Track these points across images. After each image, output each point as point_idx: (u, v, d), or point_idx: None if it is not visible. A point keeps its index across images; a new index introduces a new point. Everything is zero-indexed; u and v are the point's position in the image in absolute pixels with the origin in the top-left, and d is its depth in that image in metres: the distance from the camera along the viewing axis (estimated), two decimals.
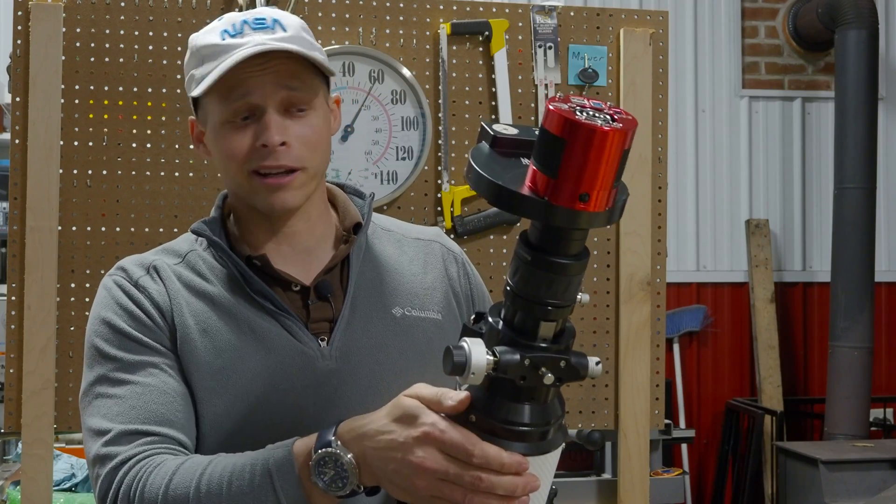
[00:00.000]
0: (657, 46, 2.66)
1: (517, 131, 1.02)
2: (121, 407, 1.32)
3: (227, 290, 1.39)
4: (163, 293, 1.38)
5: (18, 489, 2.42)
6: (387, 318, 1.43)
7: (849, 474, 4.04)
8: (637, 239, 2.63)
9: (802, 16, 5.46)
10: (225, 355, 1.36)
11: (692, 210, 5.42)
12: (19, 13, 2.38)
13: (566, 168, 0.93)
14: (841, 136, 4.99)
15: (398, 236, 1.53)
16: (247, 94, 1.35)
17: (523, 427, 1.04)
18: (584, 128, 0.92)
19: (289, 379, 1.36)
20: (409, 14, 2.56)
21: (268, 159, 1.35)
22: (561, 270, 1.00)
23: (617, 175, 0.95)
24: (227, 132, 1.37)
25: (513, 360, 1.01)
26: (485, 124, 1.04)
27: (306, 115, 1.38)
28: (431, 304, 1.47)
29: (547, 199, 0.95)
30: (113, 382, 1.34)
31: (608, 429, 2.65)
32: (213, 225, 1.44)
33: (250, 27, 1.37)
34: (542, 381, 1.02)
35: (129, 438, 1.29)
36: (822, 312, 5.43)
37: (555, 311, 1.02)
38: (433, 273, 1.50)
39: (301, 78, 1.37)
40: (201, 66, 1.38)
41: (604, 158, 0.93)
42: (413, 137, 2.57)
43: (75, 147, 2.41)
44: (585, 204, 0.94)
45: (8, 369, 2.34)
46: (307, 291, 1.41)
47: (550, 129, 0.94)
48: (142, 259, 1.44)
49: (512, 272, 1.03)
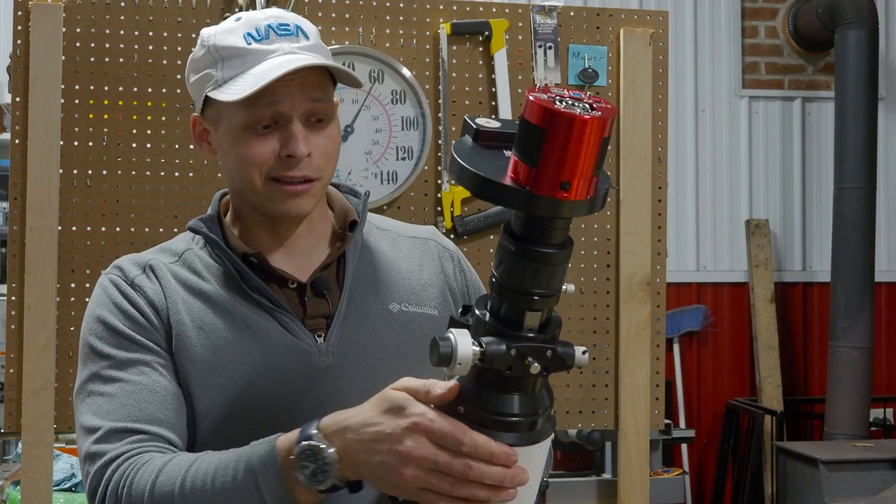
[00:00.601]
0: (657, 46, 2.66)
1: (499, 124, 1.03)
2: (111, 405, 1.32)
3: (223, 288, 1.40)
4: (158, 292, 1.39)
5: (18, 489, 2.42)
6: (383, 313, 1.43)
7: (849, 474, 4.04)
8: (637, 239, 2.63)
9: (802, 16, 5.46)
10: (221, 352, 1.36)
11: (692, 210, 5.42)
12: (19, 13, 2.38)
13: (546, 157, 0.94)
14: (841, 136, 4.99)
15: (394, 235, 1.54)
16: (275, 103, 1.35)
17: (511, 417, 1.04)
18: (563, 116, 0.93)
19: (286, 375, 1.37)
20: (409, 14, 2.56)
21: (291, 169, 1.36)
22: (544, 260, 1.00)
23: (597, 163, 0.96)
24: (248, 137, 1.37)
25: (499, 350, 1.01)
26: (467, 118, 1.05)
27: (326, 126, 1.39)
28: (428, 299, 1.48)
29: (528, 189, 0.95)
30: (105, 380, 1.34)
31: (608, 429, 2.65)
32: (210, 222, 1.44)
33: (276, 33, 1.37)
34: (529, 370, 1.02)
35: (118, 436, 1.30)
36: (822, 312, 5.44)
37: (540, 300, 1.02)
38: (429, 270, 1.51)
39: (325, 90, 1.39)
40: (223, 68, 1.37)
41: (583, 147, 0.94)
42: (413, 137, 2.57)
43: (75, 147, 2.41)
44: (567, 192, 0.95)
45: (8, 369, 2.34)
46: (303, 288, 1.41)
47: (531, 118, 0.95)
48: (138, 258, 1.44)
49: (497, 263, 1.04)
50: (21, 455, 2.35)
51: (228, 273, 1.41)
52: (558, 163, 0.94)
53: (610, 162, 2.63)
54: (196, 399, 1.35)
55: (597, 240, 2.63)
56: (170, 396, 1.34)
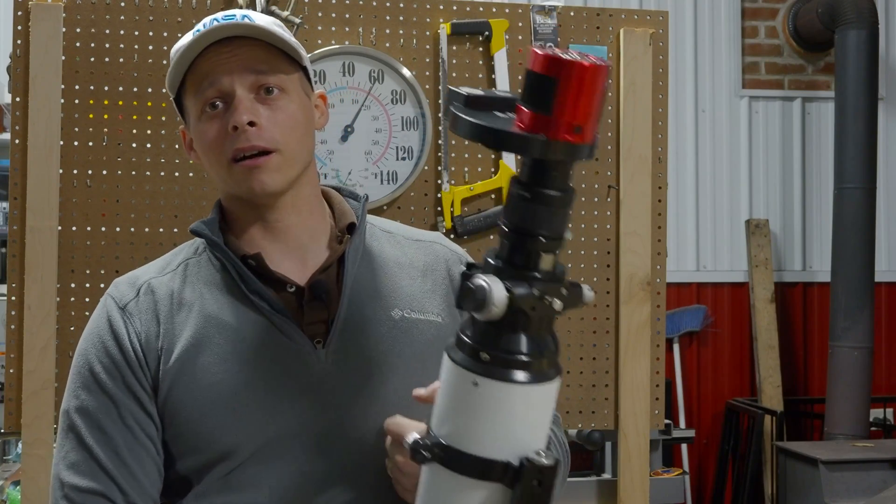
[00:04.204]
0: (657, 46, 2.66)
1: (483, 91, 1.10)
2: (78, 456, 1.36)
3: (222, 296, 1.39)
4: (149, 320, 1.39)
5: (18, 489, 2.42)
6: (385, 319, 1.41)
7: (849, 474, 4.04)
8: (637, 239, 2.63)
9: (802, 16, 5.46)
10: (216, 368, 1.35)
11: (692, 210, 5.42)
12: (19, 13, 2.38)
13: (560, 103, 1.01)
14: (841, 136, 4.99)
15: (398, 238, 1.52)
16: (215, 81, 1.37)
17: (529, 357, 1.08)
18: (575, 65, 1.00)
19: (284, 383, 1.35)
20: (409, 14, 2.56)
21: (239, 141, 1.36)
22: (559, 203, 1.07)
23: (601, 109, 1.04)
24: (202, 125, 1.39)
25: (524, 291, 1.06)
26: (452, 87, 1.12)
27: (278, 98, 1.39)
28: (432, 306, 1.45)
29: (544, 135, 1.02)
30: (82, 426, 1.37)
31: (608, 429, 2.65)
32: (212, 225, 1.44)
33: (218, 22, 1.38)
34: (552, 307, 1.07)
35: (76, 494, 1.35)
36: (822, 312, 5.43)
37: (554, 242, 1.08)
38: (434, 275, 1.48)
39: (270, 62, 1.39)
40: (173, 69, 1.40)
41: (594, 91, 1.01)
42: (413, 137, 2.57)
43: (75, 147, 2.41)
44: (578, 136, 1.02)
45: (8, 369, 2.34)
46: (302, 292, 1.39)
47: (541, 70, 1.02)
48: (136, 277, 1.45)
49: (509, 212, 1.08)
50: (21, 455, 2.35)
51: (228, 278, 1.40)
52: (573, 108, 1.01)
53: (610, 162, 2.64)
54: (193, 421, 1.34)
55: (597, 240, 2.63)
56: (132, 452, 1.35)
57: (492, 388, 1.07)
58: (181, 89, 1.42)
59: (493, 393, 1.08)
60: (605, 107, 2.62)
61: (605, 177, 2.64)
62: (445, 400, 1.12)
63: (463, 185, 2.57)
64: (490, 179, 2.58)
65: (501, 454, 1.08)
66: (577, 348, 2.62)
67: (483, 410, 1.08)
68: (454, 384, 1.10)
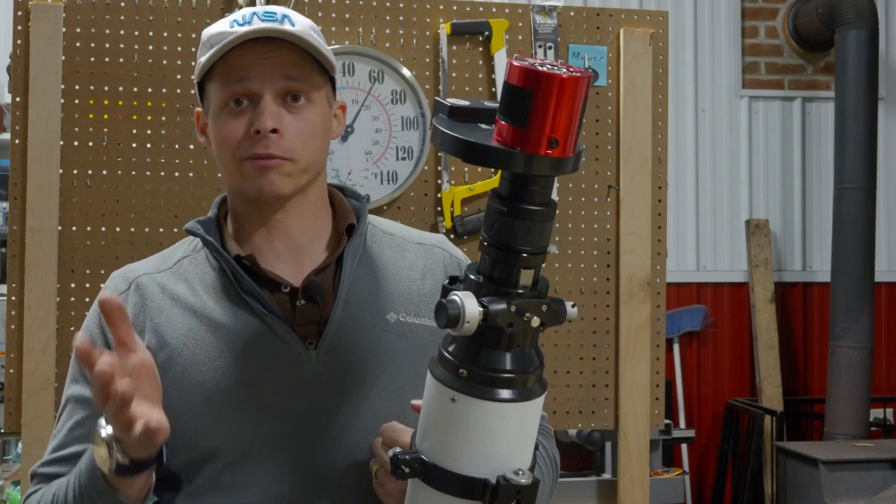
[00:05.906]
0: (657, 46, 2.66)
1: (468, 102, 1.09)
2: (57, 440, 1.41)
3: (215, 293, 1.39)
4: (136, 314, 1.40)
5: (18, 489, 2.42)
6: (380, 322, 1.40)
7: (849, 474, 4.04)
8: (637, 239, 2.63)
9: (802, 16, 5.46)
10: (205, 367, 1.35)
11: (692, 210, 5.42)
12: (19, 13, 2.38)
13: (535, 116, 1.00)
14: (841, 136, 4.98)
15: (399, 240, 1.50)
16: (245, 79, 1.36)
17: (509, 374, 1.07)
18: (550, 77, 0.99)
19: (274, 383, 1.35)
20: (409, 14, 2.56)
21: (258, 146, 1.35)
22: (537, 217, 1.05)
23: (580, 122, 1.03)
24: (224, 118, 1.38)
25: (500, 307, 1.05)
26: (438, 98, 1.11)
27: (303, 107, 1.38)
28: (428, 310, 1.43)
29: (519, 149, 1.01)
30: (69, 411, 1.42)
31: (608, 429, 2.65)
32: (208, 224, 1.44)
33: (259, 18, 1.37)
34: (530, 325, 1.05)
35: (48, 466, 1.41)
36: (822, 312, 5.43)
37: (533, 258, 1.07)
38: (433, 279, 1.47)
39: (302, 69, 1.38)
40: (206, 54, 1.39)
41: (571, 104, 1.00)
42: (413, 137, 2.57)
43: (75, 147, 2.41)
44: (555, 150, 1.01)
45: (8, 369, 2.34)
46: (295, 292, 1.39)
47: (517, 82, 1.00)
48: (130, 272, 1.46)
49: (488, 227, 1.07)
50: (21, 455, 2.35)
51: (222, 277, 1.39)
52: (548, 121, 1.00)
53: (610, 162, 2.64)
54: (182, 417, 1.33)
55: (597, 240, 2.63)
56: None
57: (469, 405, 1.07)
58: (207, 74, 1.41)
59: (470, 410, 1.07)
60: (605, 107, 2.62)
61: (605, 177, 2.64)
62: (426, 414, 1.12)
63: (463, 185, 2.57)
64: (490, 179, 2.58)
65: (480, 471, 1.07)
66: (577, 348, 2.62)
67: (461, 427, 1.08)
68: (435, 399, 1.10)
